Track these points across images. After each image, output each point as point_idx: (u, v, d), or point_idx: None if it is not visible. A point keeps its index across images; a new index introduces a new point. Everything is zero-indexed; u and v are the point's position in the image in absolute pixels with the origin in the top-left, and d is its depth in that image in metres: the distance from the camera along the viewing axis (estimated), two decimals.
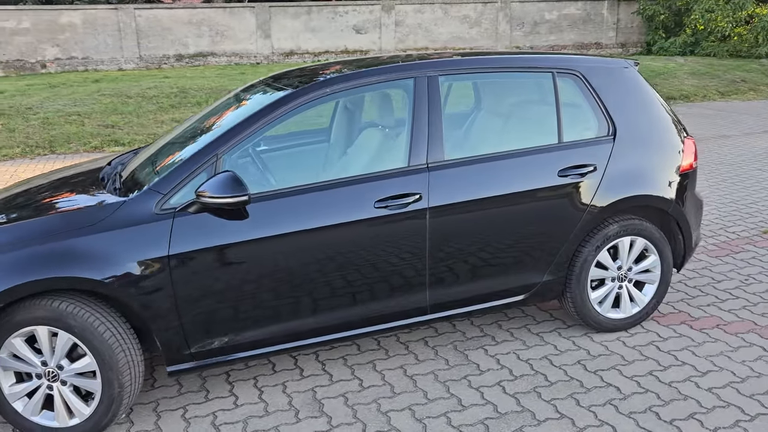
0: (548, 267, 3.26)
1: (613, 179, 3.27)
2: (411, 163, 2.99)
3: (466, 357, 3.30)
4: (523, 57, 3.41)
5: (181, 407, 2.95)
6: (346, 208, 2.86)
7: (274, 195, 2.82)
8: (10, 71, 18.89)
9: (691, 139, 3.54)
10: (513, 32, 22.43)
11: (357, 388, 3.06)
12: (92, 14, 19.26)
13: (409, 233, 2.95)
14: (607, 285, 3.43)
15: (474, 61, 3.28)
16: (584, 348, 3.36)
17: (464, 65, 3.23)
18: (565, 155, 3.21)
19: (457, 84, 3.48)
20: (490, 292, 3.21)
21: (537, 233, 3.18)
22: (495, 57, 3.36)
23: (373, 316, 3.03)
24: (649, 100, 3.46)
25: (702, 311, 3.73)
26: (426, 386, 3.05)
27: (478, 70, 3.27)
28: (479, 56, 3.35)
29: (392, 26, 21.50)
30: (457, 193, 3.02)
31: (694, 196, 3.58)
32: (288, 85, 3.13)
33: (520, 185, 3.11)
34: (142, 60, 19.82)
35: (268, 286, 2.80)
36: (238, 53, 20.62)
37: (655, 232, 3.40)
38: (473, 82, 3.62)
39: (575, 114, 3.38)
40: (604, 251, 3.34)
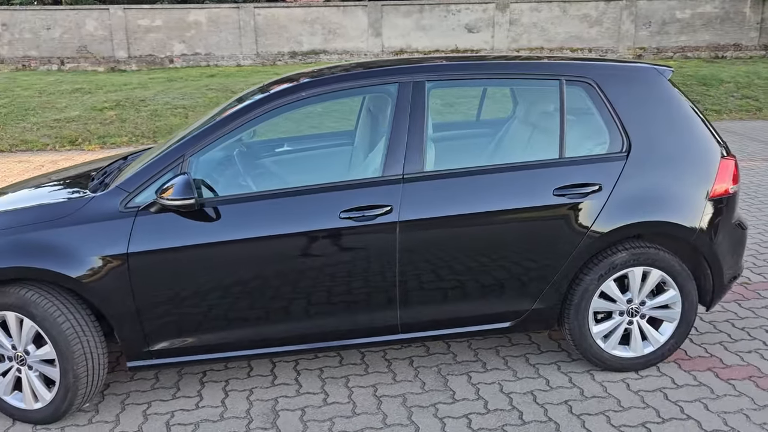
0: (539, 294, 2.96)
1: (622, 201, 2.90)
2: (385, 174, 2.83)
3: (445, 383, 3.09)
4: (527, 63, 3.10)
5: (147, 402, 2.99)
6: (309, 216, 2.76)
7: (238, 199, 2.78)
8: (142, 65, 20.50)
9: (731, 160, 3.07)
10: (638, 32, 21.07)
11: (319, 403, 2.95)
12: (216, 13, 20.41)
13: (377, 247, 2.79)
14: (614, 319, 3.06)
15: (467, 66, 3.04)
16: (579, 387, 3.02)
17: (455, 70, 3.00)
18: (564, 172, 2.90)
19: (451, 92, 3.25)
20: (471, 316, 2.97)
21: (525, 256, 2.89)
22: (494, 62, 3.10)
23: (340, 330, 2.90)
24: (678, 113, 3.03)
25: (739, 358, 3.24)
26: (389, 410, 2.88)
27: (471, 76, 3.02)
28: (476, 61, 3.10)
29: (506, 25, 20.94)
30: (434, 207, 2.81)
31: (731, 226, 3.10)
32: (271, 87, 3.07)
33: (506, 203, 2.84)
34: (258, 56, 20.74)
35: (227, 291, 2.77)
36: (349, 51, 21.02)
37: (675, 264, 2.98)
38: (466, 89, 3.37)
39: (584, 126, 3.04)
40: (610, 281, 2.98)
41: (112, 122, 11.29)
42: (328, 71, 3.14)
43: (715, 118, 11.87)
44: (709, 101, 12.90)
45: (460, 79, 3.01)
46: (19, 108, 12.24)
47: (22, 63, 20.25)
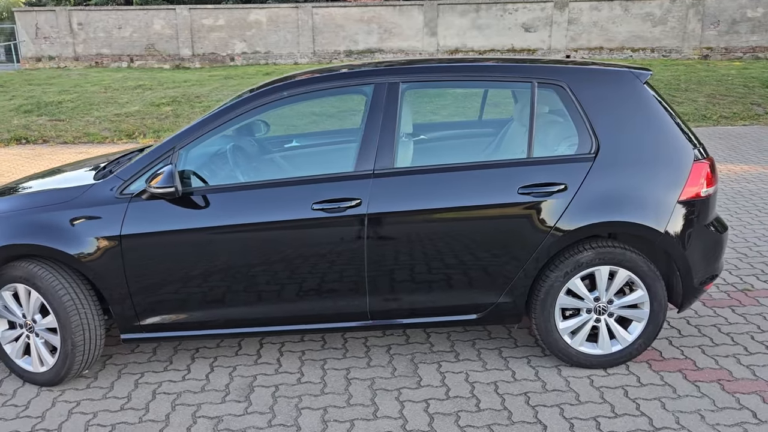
0: (505, 288, 3.07)
1: (587, 201, 2.97)
2: (357, 169, 3.01)
3: (415, 370, 3.24)
4: (501, 65, 3.20)
5: (140, 373, 3.29)
6: (285, 207, 2.98)
7: (221, 189, 3.03)
8: (205, 63, 21.34)
9: (705, 163, 3.08)
10: (704, 32, 20.33)
11: (293, 381, 3.16)
12: (275, 12, 21.01)
13: (347, 238, 2.97)
14: (581, 316, 3.14)
15: (441, 69, 3.17)
16: (543, 380, 3.12)
17: (429, 73, 3.15)
18: (530, 171, 2.99)
19: (428, 93, 3.39)
20: (437, 307, 3.11)
21: (491, 251, 3.01)
22: (467, 65, 3.22)
23: (312, 314, 3.10)
24: (650, 116, 3.07)
25: (713, 362, 3.25)
26: (355, 391, 3.06)
27: (445, 79, 3.15)
28: (450, 64, 3.23)
29: (564, 24, 20.63)
30: (401, 202, 2.97)
31: (704, 229, 3.11)
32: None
33: (472, 199, 2.97)
34: (315, 55, 21.22)
35: (209, 274, 3.02)
36: (404, 50, 21.21)
37: (643, 265, 3.03)
38: (441, 90, 3.49)
39: (554, 128, 3.13)
40: (576, 279, 3.06)
41: (167, 117, 11.90)
42: (317, 72, 3.35)
43: None
44: None
45: (434, 81, 3.15)
46: (85, 103, 13.05)
47: (95, 60, 21.46)
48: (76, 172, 3.63)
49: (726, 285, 4.20)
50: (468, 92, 3.90)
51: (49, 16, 21.18)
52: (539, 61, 3.26)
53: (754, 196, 6.40)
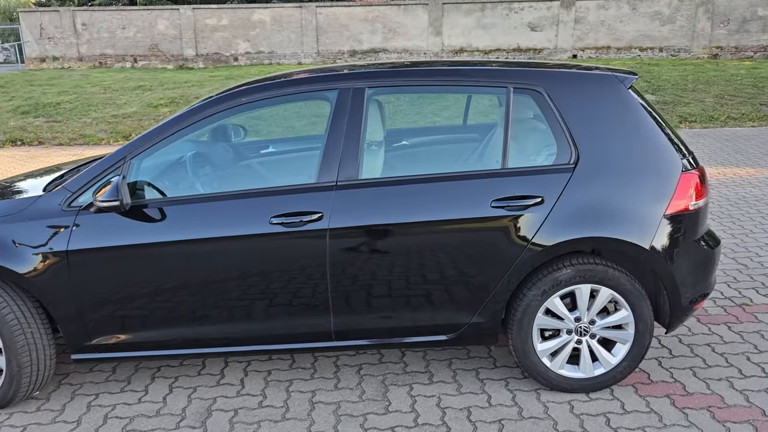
0: (478, 308, 2.87)
1: (565, 215, 2.76)
2: (319, 180, 2.82)
3: (384, 393, 3.05)
4: (474, 70, 2.99)
5: (95, 394, 3.11)
6: (242, 220, 2.79)
7: (173, 202, 2.85)
8: (208, 63, 21.24)
9: (694, 174, 2.86)
10: (714, 30, 19.97)
11: (254, 405, 2.98)
12: (279, 12, 20.88)
13: (308, 254, 2.78)
14: (561, 337, 2.93)
15: (409, 73, 2.97)
16: (520, 406, 2.91)
17: (396, 77, 2.95)
18: (504, 183, 2.79)
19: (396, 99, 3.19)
20: (407, 327, 2.92)
21: (462, 269, 2.81)
22: (438, 69, 3.02)
23: (273, 334, 2.92)
24: (634, 124, 2.86)
25: (705, 386, 3.03)
26: (319, 417, 2.87)
27: (413, 83, 2.95)
28: (419, 68, 3.03)
29: (571, 23, 20.34)
30: (366, 216, 2.78)
31: (693, 244, 2.89)
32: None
33: (442, 213, 2.77)
34: (319, 55, 21.06)
35: (162, 292, 2.84)
36: (408, 50, 21.01)
37: (626, 283, 2.82)
38: (409, 96, 3.29)
39: (530, 137, 2.92)
40: (555, 298, 2.85)
41: (164, 118, 11.76)
42: (281, 76, 3.16)
43: None
44: None
45: (402, 86, 2.96)
46: (83, 104, 12.95)
47: (99, 60, 21.42)
48: (38, 179, 3.46)
49: (723, 299, 3.98)
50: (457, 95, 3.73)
51: (53, 16, 21.15)
52: (515, 65, 3.06)
53: (759, 202, 6.15)
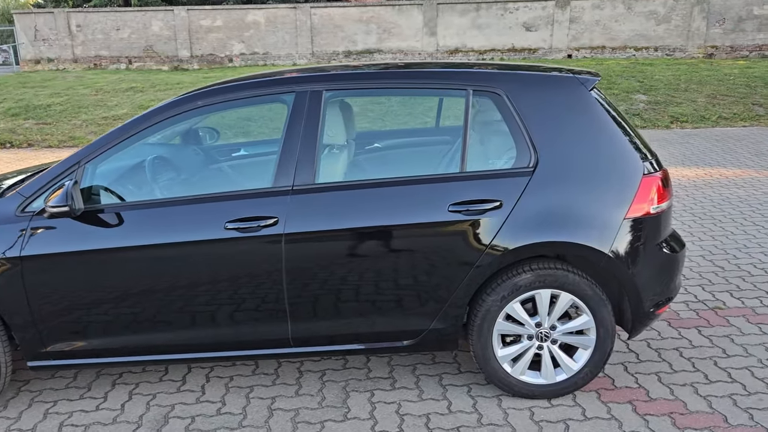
0: (437, 313, 2.84)
1: (524, 219, 2.73)
2: (276, 185, 2.78)
3: (345, 399, 3.01)
4: (432, 72, 2.96)
5: (53, 401, 3.08)
6: (196, 226, 2.76)
7: (129, 206, 2.81)
8: (203, 64, 21.21)
9: (655, 177, 2.83)
10: (710, 30, 19.92)
11: (212, 412, 2.95)
12: (273, 13, 20.85)
13: (263, 259, 2.75)
14: (521, 343, 2.89)
15: (367, 76, 2.94)
16: (480, 413, 2.88)
17: (354, 80, 2.91)
18: (462, 187, 2.75)
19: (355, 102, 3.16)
20: (365, 333, 2.88)
21: (420, 274, 2.78)
22: (396, 71, 2.98)
23: (231, 341, 2.88)
24: (594, 126, 2.82)
25: (669, 392, 2.99)
26: (276, 424, 2.84)
27: (371, 86, 2.92)
28: (379, 70, 2.99)
29: (566, 23, 20.30)
30: (322, 221, 2.74)
31: (655, 249, 2.85)
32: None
33: (399, 218, 2.74)
34: (314, 56, 21.03)
35: (118, 298, 2.80)
36: (403, 50, 20.98)
37: (587, 288, 2.78)
38: (368, 99, 3.26)
39: (490, 140, 2.89)
40: (515, 303, 2.82)
41: None
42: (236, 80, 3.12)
43: None
44: None
45: (360, 89, 2.92)
46: (74, 106, 12.93)
47: (93, 62, 21.40)
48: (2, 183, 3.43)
49: (696, 303, 3.94)
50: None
51: (47, 18, 21.14)
52: (476, 66, 3.02)
53: (742, 203, 6.11)
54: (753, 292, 4.06)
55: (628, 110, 11.81)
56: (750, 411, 2.82)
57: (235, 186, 3.03)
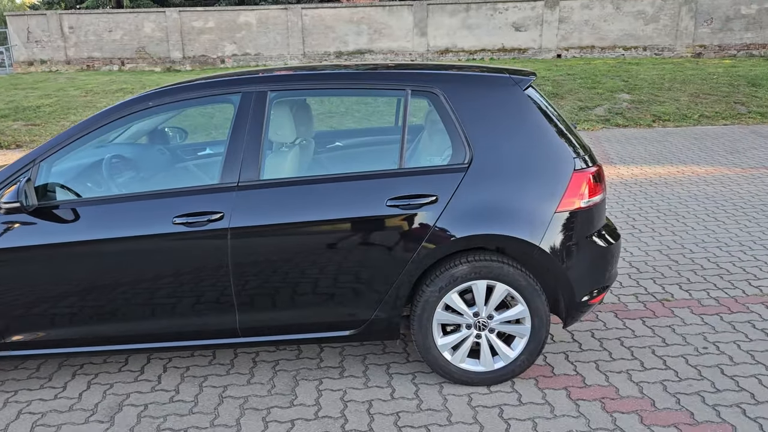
0: (378, 303, 2.96)
1: (459, 213, 2.86)
2: (222, 181, 2.91)
3: (293, 387, 3.14)
4: (373, 73, 3.09)
5: (14, 390, 3.20)
6: (146, 221, 2.88)
7: (82, 203, 2.94)
8: (195, 66, 21.33)
9: (585, 173, 2.95)
10: (698, 29, 20.07)
11: (165, 400, 3.07)
12: (265, 14, 20.97)
13: (210, 253, 2.88)
14: (461, 332, 3.02)
15: (311, 77, 3.06)
16: (421, 399, 3.00)
17: (298, 81, 3.04)
18: (400, 183, 2.88)
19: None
20: (310, 323, 3.01)
21: (360, 266, 2.90)
22: (338, 72, 3.11)
23: (182, 331, 3.01)
24: (527, 124, 2.95)
25: (604, 378, 3.12)
26: (224, 411, 2.96)
27: (315, 87, 3.05)
28: (322, 71, 3.12)
29: (555, 23, 20.45)
30: (266, 215, 2.87)
31: (586, 242, 2.98)
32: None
33: (339, 212, 2.86)
34: (305, 56, 21.15)
35: (71, 290, 2.93)
36: (394, 51, 21.11)
37: (521, 279, 2.91)
38: (312, 99, 3.38)
39: (428, 138, 3.01)
40: (453, 294, 2.94)
41: None
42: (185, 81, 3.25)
43: (758, 120, 11.19)
44: (755, 103, 12.16)
45: (304, 90, 3.05)
46: (63, 107, 13.05)
47: (86, 63, 21.52)
48: None
49: (646, 295, 4.07)
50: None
51: (40, 20, 21.27)
52: (414, 67, 3.15)
53: (708, 200, 6.24)
54: (702, 284, 4.19)
55: (611, 109, 11.95)
56: (678, 396, 2.95)
57: (188, 183, 3.15)
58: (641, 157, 8.39)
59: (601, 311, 3.84)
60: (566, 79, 14.42)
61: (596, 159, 3.10)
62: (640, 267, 4.53)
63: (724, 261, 4.58)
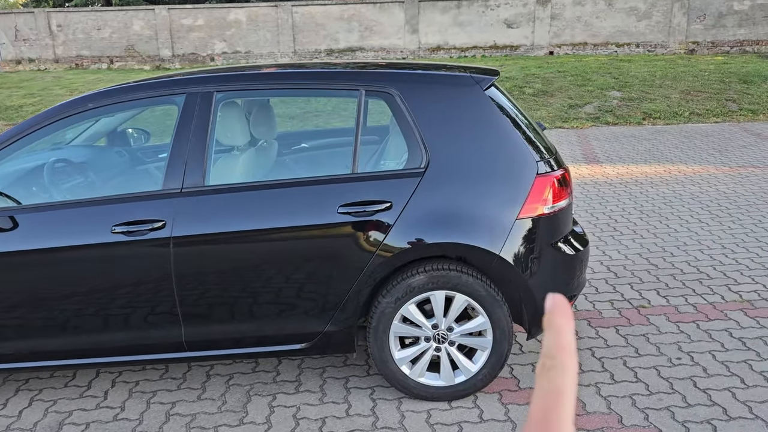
0: (331, 316, 2.81)
1: (414, 220, 2.70)
2: (165, 187, 2.75)
3: (246, 403, 2.98)
4: (325, 72, 2.93)
5: None
6: (84, 229, 2.72)
7: (18, 210, 2.78)
8: (185, 63, 21.12)
9: (549, 178, 2.80)
10: (690, 25, 19.91)
11: (108, 418, 2.92)
12: (255, 11, 20.77)
13: (152, 263, 2.72)
14: (419, 345, 2.87)
15: (259, 77, 2.90)
16: (378, 416, 2.85)
17: (246, 81, 2.88)
18: (353, 188, 2.73)
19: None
20: (260, 336, 2.86)
21: (311, 277, 2.75)
22: (289, 72, 2.95)
23: (126, 345, 2.85)
24: (489, 125, 2.79)
25: None
26: (170, 429, 2.81)
27: (264, 87, 2.89)
28: (272, 71, 2.96)
29: (547, 20, 20.27)
30: (210, 224, 2.71)
31: (549, 249, 2.82)
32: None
33: (288, 220, 2.71)
34: (296, 54, 20.97)
35: (8, 302, 2.77)
36: (385, 48, 20.93)
37: (481, 289, 2.76)
38: (261, 99, 3.23)
39: (382, 141, 2.86)
40: (410, 305, 2.79)
41: None
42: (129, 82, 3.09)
43: (749, 118, 11.07)
44: (746, 100, 12.03)
45: (252, 90, 2.89)
46: (45, 107, 12.85)
47: (75, 62, 21.30)
48: None
49: (622, 301, 3.92)
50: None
51: (27, 18, 21.05)
52: (369, 66, 2.99)
53: (693, 200, 6.09)
54: (680, 290, 4.05)
55: (601, 107, 11.80)
56: (647, 411, 2.80)
57: (137, 189, 2.99)
58: (629, 156, 8.25)
59: (575, 319, 3.69)
60: (556, 76, 14.26)
61: (562, 162, 2.95)
62: (618, 272, 4.38)
63: (705, 265, 4.44)
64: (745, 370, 3.08)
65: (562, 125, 10.81)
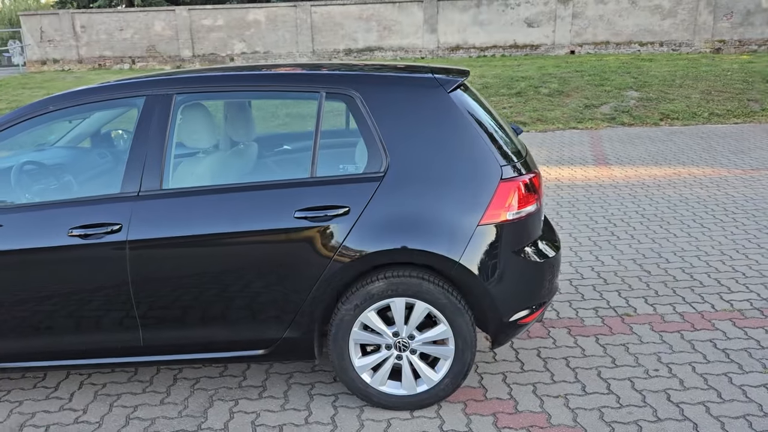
0: (290, 322, 2.76)
1: (371, 226, 2.64)
2: (123, 190, 2.73)
3: (206, 409, 2.95)
4: (285, 74, 2.88)
5: None
6: (40, 232, 2.72)
7: None
8: (205, 63, 21.33)
9: (515, 182, 2.70)
10: (716, 23, 19.46)
11: (69, 421, 2.91)
12: (274, 11, 20.88)
13: (108, 267, 2.70)
14: (381, 353, 2.80)
15: (219, 79, 2.86)
16: (337, 424, 2.79)
17: (206, 83, 2.84)
18: (311, 193, 2.67)
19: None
20: (220, 341, 2.82)
21: (267, 282, 2.70)
22: (248, 74, 2.91)
23: (84, 348, 2.84)
24: (452, 129, 2.71)
25: (539, 403, 2.88)
26: None
27: (224, 89, 2.85)
28: (231, 72, 2.92)
29: (569, 19, 20.00)
30: (166, 227, 2.68)
31: (513, 257, 2.73)
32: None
33: (244, 224, 2.66)
34: (315, 54, 21.02)
35: None
36: (404, 48, 20.87)
37: (441, 297, 2.68)
38: (222, 102, 3.18)
39: (342, 144, 2.80)
40: (370, 312, 2.73)
41: None
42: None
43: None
44: None
45: (212, 92, 2.85)
46: None
47: (98, 62, 21.66)
48: None
49: (607, 309, 3.80)
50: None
51: (52, 19, 21.45)
52: (330, 68, 2.93)
53: (698, 204, 5.91)
54: (670, 298, 3.91)
55: (618, 107, 11.55)
56: (613, 425, 2.70)
57: (95, 192, 2.98)
58: (639, 158, 8.06)
59: (554, 327, 3.59)
60: (574, 76, 14.03)
61: (532, 166, 2.86)
62: (608, 278, 4.25)
63: (700, 272, 4.29)
64: (724, 384, 2.96)
65: (576, 126, 10.62)
